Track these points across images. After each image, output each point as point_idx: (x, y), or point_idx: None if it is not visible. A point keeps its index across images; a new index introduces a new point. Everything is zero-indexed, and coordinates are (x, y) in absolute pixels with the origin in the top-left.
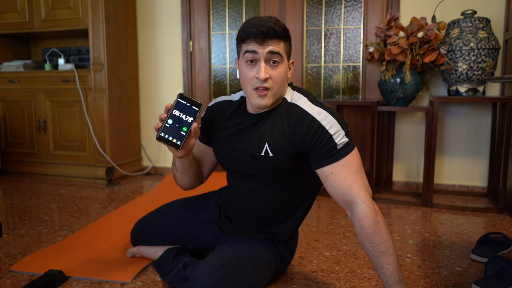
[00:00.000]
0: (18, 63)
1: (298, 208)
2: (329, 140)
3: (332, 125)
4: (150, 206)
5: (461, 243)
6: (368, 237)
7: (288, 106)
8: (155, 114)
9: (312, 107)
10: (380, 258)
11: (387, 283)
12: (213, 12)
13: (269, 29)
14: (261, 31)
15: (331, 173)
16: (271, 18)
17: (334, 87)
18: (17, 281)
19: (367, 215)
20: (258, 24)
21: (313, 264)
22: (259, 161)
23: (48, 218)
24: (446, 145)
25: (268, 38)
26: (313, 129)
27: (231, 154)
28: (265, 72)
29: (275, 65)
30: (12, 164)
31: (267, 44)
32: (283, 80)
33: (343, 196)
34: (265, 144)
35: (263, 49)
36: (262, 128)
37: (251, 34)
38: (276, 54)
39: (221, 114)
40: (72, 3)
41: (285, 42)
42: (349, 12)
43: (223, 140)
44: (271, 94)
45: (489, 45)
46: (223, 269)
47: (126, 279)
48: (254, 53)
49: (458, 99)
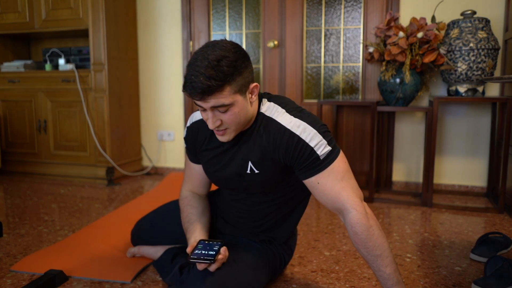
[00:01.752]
0: (19, 63)
1: (293, 211)
2: (311, 153)
3: (312, 136)
4: (150, 206)
5: (461, 243)
6: (362, 242)
7: (266, 121)
8: (156, 114)
9: (290, 119)
10: (376, 261)
11: (386, 285)
12: (213, 13)
13: (203, 88)
14: (197, 92)
15: (317, 183)
16: (207, 67)
17: (334, 87)
18: (18, 281)
19: (358, 221)
20: (193, 82)
21: (313, 263)
22: (246, 178)
23: (49, 218)
24: (446, 145)
25: (206, 95)
26: (293, 144)
27: (220, 175)
28: (213, 122)
29: (225, 110)
30: (13, 164)
31: (208, 100)
32: (239, 117)
33: (333, 204)
34: (248, 162)
35: (206, 104)
36: (243, 147)
37: (189, 94)
38: (220, 106)
39: (201, 135)
40: (72, 4)
41: (231, 84)
42: (349, 12)
43: (208, 162)
44: (230, 131)
45: (489, 45)
46: (219, 272)
47: (126, 279)
48: (200, 106)
49: (457, 99)
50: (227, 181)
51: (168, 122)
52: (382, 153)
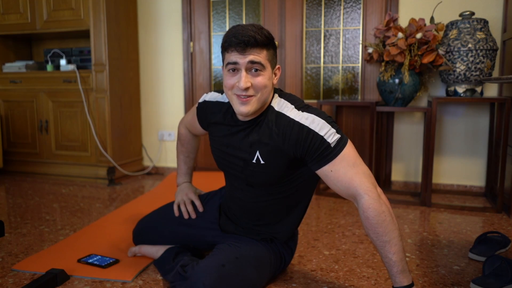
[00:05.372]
0: (20, 63)
1: (294, 210)
2: (322, 141)
3: (321, 126)
4: (151, 205)
5: (459, 242)
6: (373, 227)
7: (276, 115)
8: (156, 114)
9: (298, 113)
10: (384, 247)
11: (391, 272)
12: (214, 13)
13: (250, 39)
14: (242, 40)
15: (330, 171)
16: (254, 26)
17: (333, 88)
18: (19, 280)
19: (370, 206)
20: (239, 33)
21: (312, 263)
22: (250, 167)
23: (50, 218)
24: (445, 145)
25: (249, 47)
26: (303, 135)
27: (224, 156)
28: (245, 81)
29: (257, 73)
30: (14, 164)
31: (248, 53)
32: (266, 88)
33: (347, 190)
34: (256, 151)
35: (244, 58)
36: (252, 135)
37: (232, 44)
38: (257, 63)
39: (212, 114)
40: (73, 5)
41: (268, 50)
42: (348, 13)
43: (216, 140)
44: (255, 100)
45: (487, 46)
46: (223, 269)
47: (127, 278)
48: (235, 63)
49: (456, 99)
50: (229, 163)
51: (169, 122)
52: (381, 153)
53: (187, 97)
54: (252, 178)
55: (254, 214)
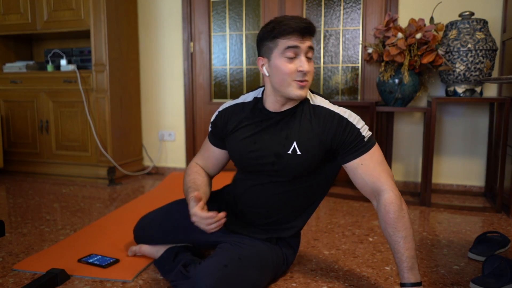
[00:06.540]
0: (21, 64)
1: (309, 208)
2: (358, 134)
3: (358, 120)
4: (151, 205)
5: (459, 242)
6: (393, 222)
7: (313, 108)
8: (156, 114)
9: (335, 107)
10: (399, 243)
11: (401, 267)
12: (214, 14)
13: (309, 25)
14: (303, 26)
15: (361, 164)
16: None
17: (333, 88)
18: (20, 280)
19: (393, 201)
20: (295, 20)
21: (312, 262)
22: (284, 160)
23: (50, 217)
24: (444, 145)
25: (307, 33)
26: (342, 126)
27: (252, 155)
28: (308, 65)
29: (310, 61)
30: (15, 164)
31: (306, 39)
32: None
33: (373, 185)
34: (293, 142)
35: (303, 43)
36: (287, 126)
37: (291, 29)
38: (312, 50)
39: (235, 116)
40: (74, 5)
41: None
42: (348, 13)
43: (241, 141)
44: (308, 86)
45: (487, 46)
46: (225, 269)
47: (127, 277)
48: (296, 48)
49: (456, 99)
50: (257, 161)
51: (169, 122)
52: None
53: (187, 97)
54: (283, 171)
55: (271, 209)
